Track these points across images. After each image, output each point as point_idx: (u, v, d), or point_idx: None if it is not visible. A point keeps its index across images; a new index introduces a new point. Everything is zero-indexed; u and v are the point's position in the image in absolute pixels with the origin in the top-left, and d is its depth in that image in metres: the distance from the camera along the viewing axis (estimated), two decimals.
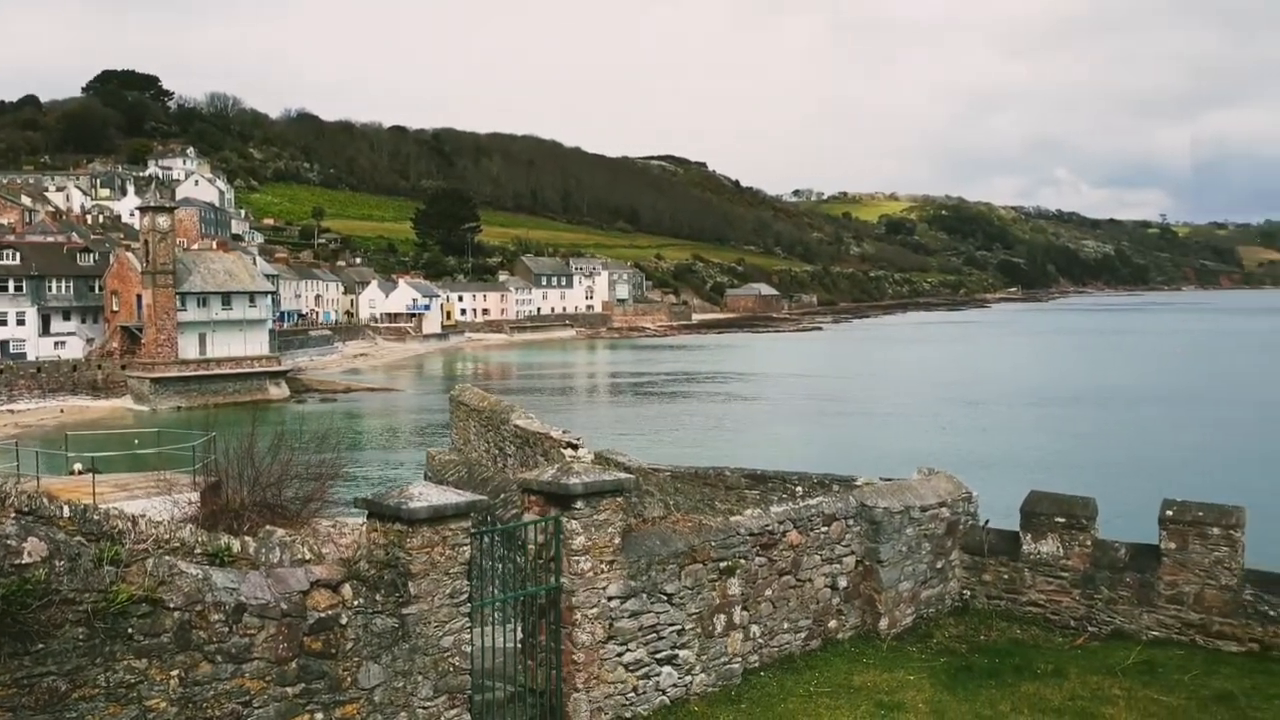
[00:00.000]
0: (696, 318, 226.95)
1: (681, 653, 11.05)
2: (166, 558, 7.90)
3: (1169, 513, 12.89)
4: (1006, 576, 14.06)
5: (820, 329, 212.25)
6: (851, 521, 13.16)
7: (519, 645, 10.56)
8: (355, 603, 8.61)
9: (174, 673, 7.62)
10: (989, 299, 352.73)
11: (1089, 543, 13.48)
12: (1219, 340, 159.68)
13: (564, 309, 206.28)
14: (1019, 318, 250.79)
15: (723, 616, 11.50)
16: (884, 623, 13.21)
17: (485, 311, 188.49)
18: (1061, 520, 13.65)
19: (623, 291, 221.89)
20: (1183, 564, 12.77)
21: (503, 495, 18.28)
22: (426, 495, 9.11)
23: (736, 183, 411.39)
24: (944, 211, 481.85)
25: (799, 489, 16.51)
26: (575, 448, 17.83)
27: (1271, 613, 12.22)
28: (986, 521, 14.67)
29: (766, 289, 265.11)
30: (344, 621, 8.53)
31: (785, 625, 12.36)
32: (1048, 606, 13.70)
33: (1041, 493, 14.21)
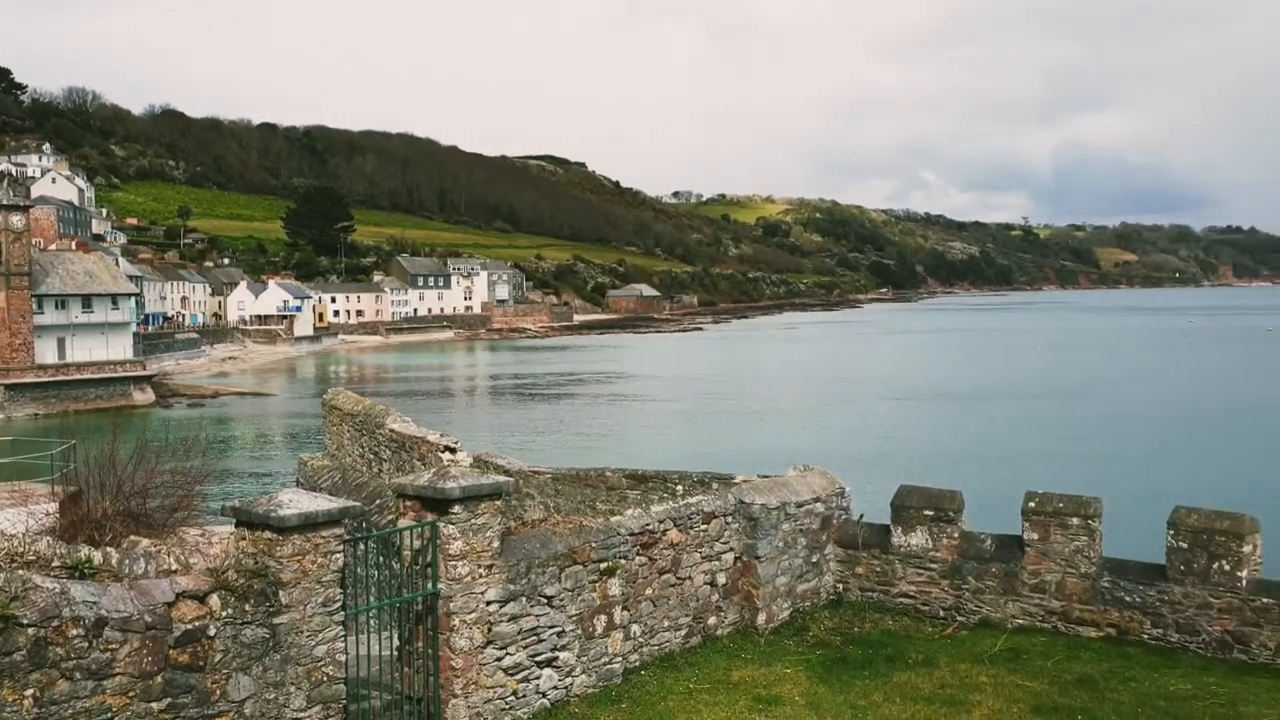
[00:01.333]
0: (578, 318, 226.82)
1: (562, 655, 11.02)
2: (20, 572, 7.55)
3: (1031, 504, 13.40)
4: (879, 569, 14.41)
5: (701, 329, 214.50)
6: (730, 519, 13.32)
7: (396, 652, 10.40)
8: (223, 613, 8.37)
9: (28, 692, 7.28)
10: (861, 299, 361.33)
11: (956, 535, 13.92)
12: (1077, 338, 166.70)
13: (441, 310, 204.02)
14: (890, 317, 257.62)
15: (603, 617, 11.51)
16: (762, 618, 13.41)
17: (360, 313, 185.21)
18: (930, 513, 14.06)
19: (502, 292, 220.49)
20: (1045, 554, 13.28)
21: (378, 501, 17.96)
22: (297, 502, 8.91)
23: (617, 183, 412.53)
24: (818, 214, 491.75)
25: (679, 488, 16.62)
26: (453, 451, 17.64)
27: (1127, 599, 12.80)
28: (860, 516, 15.01)
29: (648, 290, 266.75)
30: (212, 633, 8.29)
31: (666, 624, 12.44)
32: (918, 597, 14.10)
33: (911, 487, 14.61)
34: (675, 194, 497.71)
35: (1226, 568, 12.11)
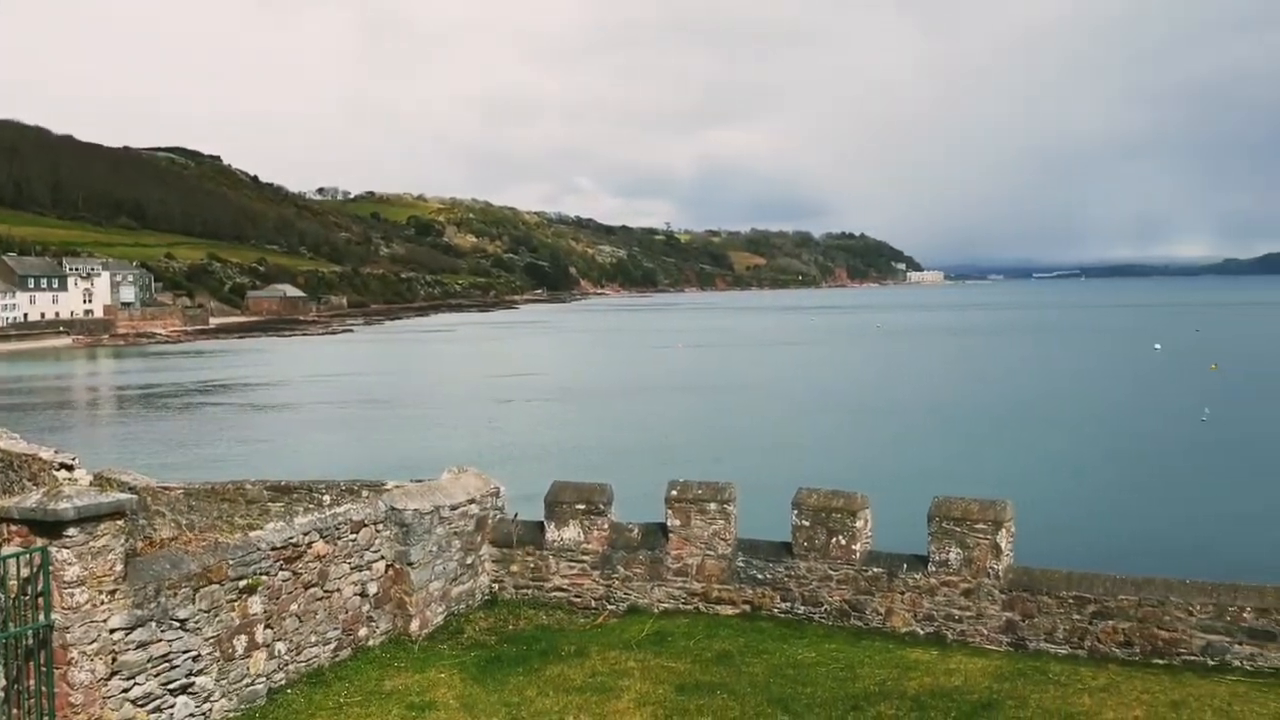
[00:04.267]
0: (215, 321, 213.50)
1: (198, 680, 10.36)
2: None
3: (673, 492, 14.11)
4: (533, 565, 14.64)
5: (352, 331, 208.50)
6: (381, 526, 13.05)
7: (3, 693, 9.33)
8: None
9: None
10: (518, 300, 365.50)
11: (606, 526, 14.40)
12: (715, 336, 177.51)
13: (57, 314, 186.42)
14: (546, 317, 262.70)
15: (244, 637, 10.93)
16: (415, 624, 13.23)
17: None
18: (582, 507, 14.46)
19: (128, 294, 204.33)
20: (687, 538, 14.02)
21: None
22: None
23: (255, 178, 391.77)
24: (472, 215, 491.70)
25: (327, 498, 16.03)
26: (70, 468, 16.10)
27: (759, 576, 13.76)
28: (515, 514, 15.18)
29: (292, 290, 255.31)
30: None
31: (313, 638, 11.99)
32: (571, 590, 14.46)
33: (563, 482, 14.97)
34: (320, 190, 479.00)
35: (843, 542, 13.31)
